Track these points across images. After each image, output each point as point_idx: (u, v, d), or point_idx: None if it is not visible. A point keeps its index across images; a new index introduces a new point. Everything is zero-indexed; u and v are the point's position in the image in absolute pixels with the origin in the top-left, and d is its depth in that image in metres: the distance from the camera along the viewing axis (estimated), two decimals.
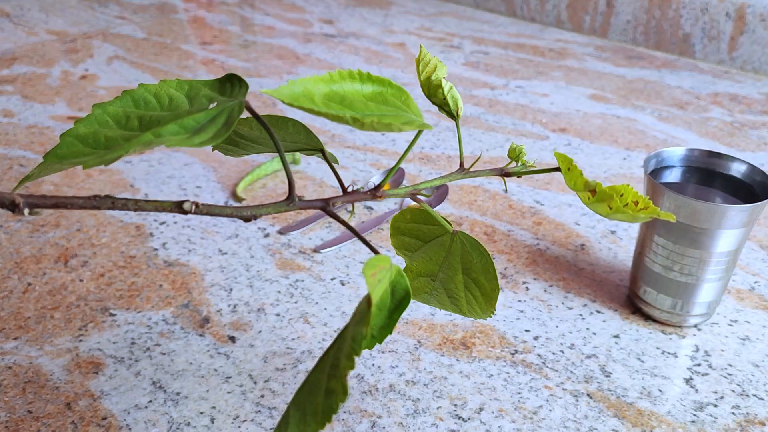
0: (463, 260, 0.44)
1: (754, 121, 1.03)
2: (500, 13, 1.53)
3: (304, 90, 0.34)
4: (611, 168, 0.89)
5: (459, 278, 0.45)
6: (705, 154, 0.62)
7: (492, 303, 0.45)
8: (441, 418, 0.51)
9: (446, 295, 0.46)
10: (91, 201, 0.33)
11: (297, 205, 0.38)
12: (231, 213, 0.36)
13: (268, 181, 0.82)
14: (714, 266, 0.57)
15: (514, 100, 1.09)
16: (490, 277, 0.44)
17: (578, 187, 0.38)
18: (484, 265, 0.44)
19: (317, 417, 0.32)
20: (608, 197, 0.37)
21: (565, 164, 0.38)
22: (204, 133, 0.33)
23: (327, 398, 0.32)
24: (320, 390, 0.32)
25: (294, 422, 0.33)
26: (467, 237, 0.44)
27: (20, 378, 0.54)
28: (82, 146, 0.35)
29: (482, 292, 0.45)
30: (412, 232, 0.46)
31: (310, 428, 0.32)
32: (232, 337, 0.59)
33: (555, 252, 0.71)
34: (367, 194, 0.40)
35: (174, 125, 0.34)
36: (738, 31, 1.21)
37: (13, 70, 1.12)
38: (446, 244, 0.45)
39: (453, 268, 0.45)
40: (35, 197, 0.32)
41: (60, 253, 0.68)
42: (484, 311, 0.45)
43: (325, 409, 0.32)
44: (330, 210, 0.39)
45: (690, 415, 0.53)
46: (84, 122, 0.36)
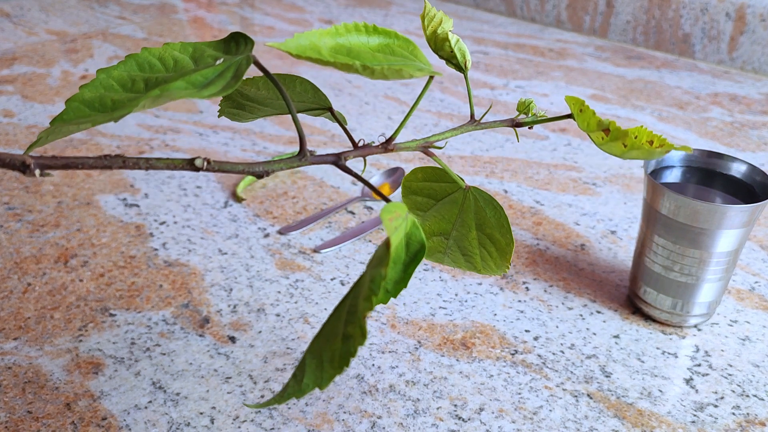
0: (476, 216, 0.44)
1: (754, 121, 1.03)
2: (500, 13, 1.53)
3: (310, 43, 0.34)
4: (611, 168, 0.89)
5: (473, 235, 0.44)
6: (705, 155, 0.62)
7: (507, 258, 0.44)
8: (441, 418, 0.51)
9: (460, 253, 0.46)
10: (102, 160, 0.33)
11: (309, 160, 0.38)
12: (242, 170, 0.36)
13: (268, 181, 0.82)
14: (714, 266, 0.57)
15: (514, 100, 1.09)
16: (504, 231, 0.43)
17: (591, 127, 0.37)
18: (498, 220, 0.43)
19: (334, 362, 0.32)
20: (623, 135, 0.37)
21: (576, 106, 0.38)
22: (213, 86, 0.33)
23: (345, 343, 0.31)
24: (337, 336, 0.32)
25: (310, 370, 0.33)
26: (480, 192, 0.44)
27: (20, 378, 0.54)
28: (88, 110, 0.35)
29: (497, 247, 0.44)
30: (424, 191, 0.45)
31: (327, 374, 0.32)
32: (232, 337, 0.59)
33: (555, 252, 0.71)
34: (378, 148, 0.39)
35: (181, 81, 0.34)
36: (738, 31, 1.21)
37: (13, 70, 1.12)
38: (459, 201, 0.44)
39: (466, 225, 0.45)
40: (46, 158, 0.32)
41: (60, 253, 0.68)
42: (499, 267, 0.45)
43: (342, 354, 0.31)
44: (342, 164, 0.38)
45: (690, 415, 0.53)
46: (89, 87, 0.36)
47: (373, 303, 0.30)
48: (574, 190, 0.83)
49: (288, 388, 0.34)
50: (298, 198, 0.79)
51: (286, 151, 0.89)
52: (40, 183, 0.81)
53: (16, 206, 0.76)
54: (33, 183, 0.81)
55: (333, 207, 0.77)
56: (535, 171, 0.87)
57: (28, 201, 0.77)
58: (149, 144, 0.90)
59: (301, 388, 0.33)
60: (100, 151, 0.88)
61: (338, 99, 1.06)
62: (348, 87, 1.10)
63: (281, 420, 0.51)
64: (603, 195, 0.82)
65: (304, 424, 0.51)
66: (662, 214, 0.57)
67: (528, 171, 0.87)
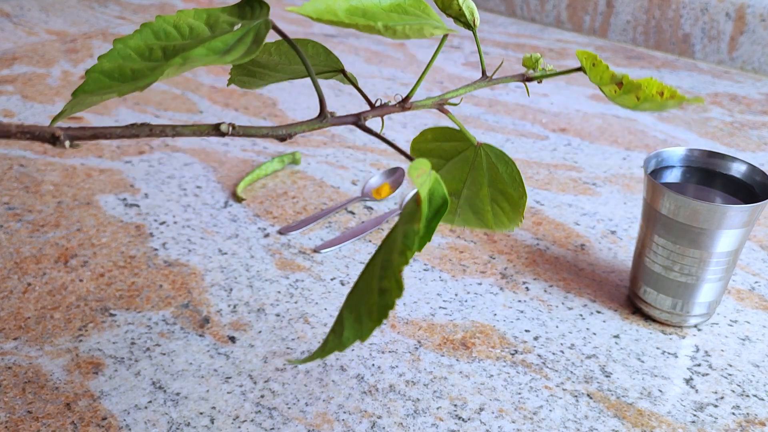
0: (488, 173, 0.44)
1: (754, 121, 1.03)
2: (500, 13, 1.53)
3: (326, 6, 0.35)
4: (611, 168, 0.89)
5: (484, 192, 0.44)
6: (705, 155, 0.62)
7: (520, 212, 0.44)
8: (441, 418, 0.51)
9: (471, 211, 0.46)
10: (130, 129, 0.33)
11: (330, 121, 0.38)
12: (266, 133, 0.36)
13: (268, 181, 0.82)
14: (714, 266, 0.57)
15: (514, 100, 1.09)
16: (516, 185, 0.43)
17: (605, 81, 0.38)
18: (510, 174, 0.43)
19: (372, 315, 0.32)
20: (636, 87, 0.37)
21: (589, 60, 0.38)
22: (234, 51, 0.33)
23: (381, 296, 0.32)
24: (372, 291, 0.33)
25: (349, 324, 0.34)
26: (491, 148, 0.43)
27: (20, 378, 0.54)
28: (108, 81, 0.35)
29: (509, 202, 0.44)
30: (434, 152, 0.45)
31: (366, 327, 0.33)
32: (232, 337, 0.59)
33: (555, 252, 0.71)
34: (395, 107, 0.39)
35: (201, 48, 0.34)
36: (738, 31, 1.21)
37: (13, 70, 1.12)
38: (470, 159, 0.44)
39: (478, 183, 0.44)
40: (75, 129, 0.32)
41: (60, 253, 0.68)
42: (511, 221, 0.45)
43: (380, 307, 0.32)
44: (362, 123, 0.39)
45: (690, 415, 0.53)
46: (107, 57, 0.36)
47: (408, 258, 0.31)
48: (574, 190, 0.83)
49: (328, 343, 0.35)
50: (298, 198, 0.79)
51: (286, 151, 0.89)
52: (40, 183, 0.81)
53: (16, 206, 0.76)
54: (33, 183, 0.81)
55: (333, 207, 0.77)
56: (535, 171, 0.87)
57: (28, 201, 0.77)
58: (149, 144, 0.90)
59: (342, 342, 0.34)
60: (100, 151, 0.88)
61: (338, 99, 1.06)
62: (348, 87, 1.10)
63: (281, 420, 0.51)
64: (603, 195, 0.82)
65: (304, 424, 0.51)
66: (662, 214, 0.57)
67: (528, 171, 0.87)
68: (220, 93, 1.07)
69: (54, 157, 0.86)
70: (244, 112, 1.00)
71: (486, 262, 0.69)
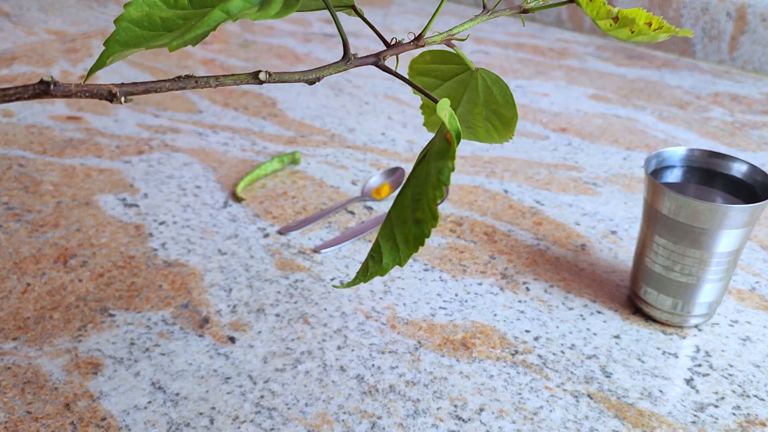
0: (483, 94, 0.46)
1: (754, 121, 1.03)
2: None
3: None
4: (612, 168, 0.88)
5: (478, 110, 0.46)
6: (706, 154, 0.61)
7: (510, 129, 0.46)
8: (441, 418, 0.51)
9: (464, 126, 0.47)
10: (177, 83, 0.35)
11: (353, 63, 0.39)
12: (298, 78, 0.38)
13: (268, 181, 0.82)
14: (715, 266, 0.57)
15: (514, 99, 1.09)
16: (509, 106, 0.45)
17: (600, 15, 0.40)
18: (504, 97, 0.45)
19: (409, 243, 0.35)
20: (630, 21, 0.39)
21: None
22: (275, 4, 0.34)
23: (417, 226, 0.35)
24: (407, 221, 0.35)
25: (386, 251, 0.36)
26: (488, 73, 0.45)
27: (19, 378, 0.54)
28: (139, 30, 0.36)
29: (501, 121, 0.46)
30: (432, 73, 0.47)
31: (404, 253, 0.35)
32: (232, 337, 0.59)
33: (555, 252, 0.71)
34: (410, 44, 0.41)
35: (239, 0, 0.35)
36: (738, 30, 1.21)
37: (12, 70, 1.12)
38: (466, 81, 0.46)
39: (472, 102, 0.46)
40: (128, 85, 0.34)
41: (59, 253, 0.68)
42: (502, 137, 0.47)
43: (417, 235, 0.35)
44: (382, 63, 0.40)
45: (691, 415, 0.52)
46: (133, 5, 0.37)
47: (443, 191, 0.33)
48: (574, 190, 0.83)
49: (369, 269, 0.37)
50: (298, 198, 0.79)
51: (286, 150, 0.89)
52: (40, 183, 0.80)
53: (15, 206, 0.76)
54: (32, 183, 0.80)
55: (333, 207, 0.76)
56: (535, 171, 0.87)
57: (27, 201, 0.77)
58: (149, 144, 0.90)
59: (382, 267, 0.36)
60: (100, 151, 0.88)
61: (338, 99, 1.06)
62: (348, 87, 1.10)
63: (281, 420, 0.51)
64: (603, 195, 0.82)
65: (304, 424, 0.51)
66: (663, 214, 0.57)
67: (528, 171, 0.87)
68: (219, 93, 1.07)
69: (53, 157, 0.86)
70: (244, 111, 1.00)
71: (486, 262, 0.69)
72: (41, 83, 0.32)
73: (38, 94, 0.32)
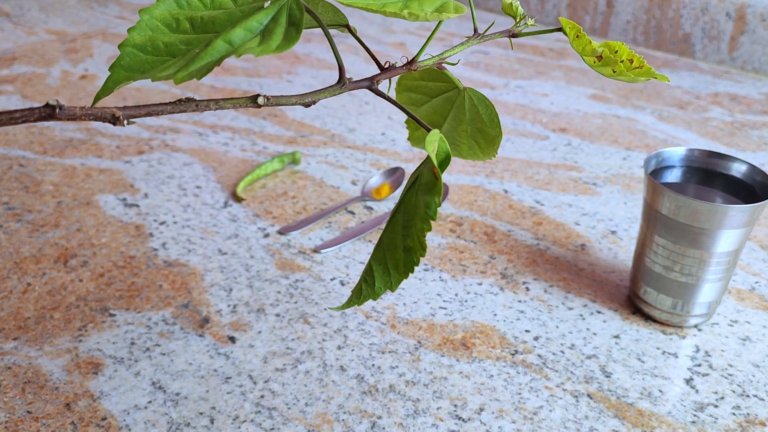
0: (469, 112, 0.47)
1: (754, 121, 1.03)
2: (500, 12, 1.52)
3: None
4: (611, 168, 0.88)
5: (463, 128, 0.47)
6: (705, 154, 0.62)
7: (494, 147, 0.47)
8: (441, 418, 0.51)
9: (448, 141, 0.48)
10: (178, 106, 0.36)
11: (348, 87, 0.41)
12: (295, 101, 0.39)
13: (268, 181, 0.82)
14: (714, 266, 0.57)
15: (514, 100, 1.09)
16: (494, 125, 0.46)
17: (586, 52, 0.41)
18: (489, 116, 0.46)
19: (399, 269, 0.37)
20: (613, 62, 0.41)
21: (573, 31, 0.41)
22: (275, 36, 0.35)
23: (407, 254, 0.37)
24: (397, 248, 0.38)
25: (378, 275, 0.38)
26: (475, 92, 0.46)
27: (20, 378, 0.54)
28: (143, 55, 0.37)
29: (485, 138, 0.47)
30: (420, 89, 0.49)
31: (395, 279, 0.38)
32: (232, 337, 0.59)
33: (555, 252, 0.71)
34: (403, 68, 0.42)
35: (240, 29, 0.36)
36: (738, 31, 1.21)
37: (13, 70, 1.12)
38: (453, 99, 0.47)
39: (458, 119, 0.47)
40: (130, 108, 0.35)
41: (60, 253, 0.68)
42: (485, 153, 0.48)
43: (406, 263, 0.37)
44: (375, 87, 0.42)
45: (690, 415, 0.52)
46: (137, 30, 0.37)
47: (430, 225, 0.35)
48: (574, 190, 0.83)
49: (363, 292, 0.39)
50: (298, 198, 0.79)
51: (286, 150, 0.89)
52: (40, 183, 0.80)
53: (15, 206, 0.76)
54: (33, 183, 0.80)
55: (333, 207, 0.77)
56: (535, 171, 0.87)
57: (27, 201, 0.77)
58: (149, 144, 0.90)
59: (375, 291, 0.38)
60: (100, 151, 0.88)
61: (338, 99, 1.06)
62: None
63: (281, 420, 0.51)
64: (603, 195, 0.82)
65: (304, 424, 0.51)
66: (662, 214, 0.57)
67: (528, 171, 0.87)
68: (219, 93, 1.07)
69: (54, 157, 0.86)
70: (244, 111, 1.00)
71: (486, 262, 0.69)
72: (47, 107, 0.33)
73: (44, 117, 0.33)
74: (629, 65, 0.41)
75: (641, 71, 0.41)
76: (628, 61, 0.41)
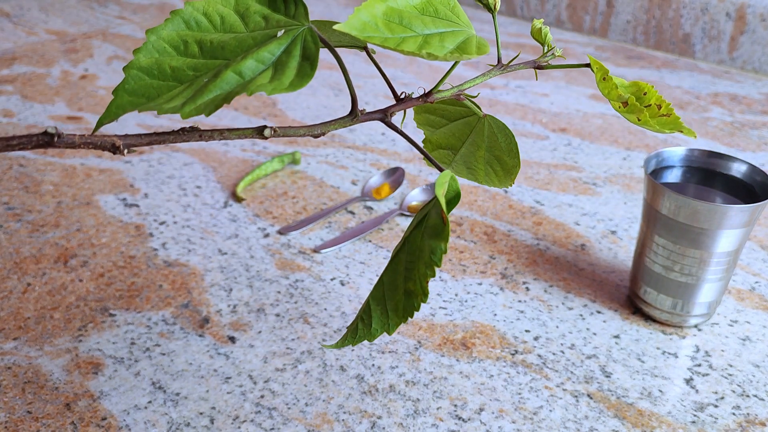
0: (488, 139, 0.46)
1: (754, 121, 1.03)
2: (500, 12, 1.52)
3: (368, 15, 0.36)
4: (611, 168, 0.88)
5: (481, 153, 0.46)
6: (705, 154, 0.62)
7: (511, 176, 0.46)
8: (441, 418, 0.51)
9: (465, 167, 0.48)
10: (181, 135, 0.35)
11: (360, 119, 0.40)
12: (304, 133, 0.39)
13: (268, 181, 0.82)
14: (714, 266, 0.57)
15: (514, 100, 1.09)
16: (512, 155, 0.46)
17: (612, 96, 0.40)
18: (509, 145, 0.45)
19: (398, 312, 0.36)
20: (638, 110, 0.40)
21: (600, 73, 0.40)
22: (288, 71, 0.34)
23: (407, 298, 0.36)
24: (398, 290, 0.36)
25: (376, 316, 0.37)
26: (495, 120, 0.46)
27: (20, 378, 0.54)
28: (148, 78, 0.35)
29: (503, 168, 0.46)
30: (439, 111, 0.48)
31: (393, 322, 0.36)
32: (232, 337, 0.59)
33: (555, 252, 0.71)
34: (418, 99, 0.42)
35: (251, 60, 0.35)
36: (738, 31, 1.21)
37: (12, 70, 1.12)
38: (472, 124, 0.46)
39: (476, 145, 0.47)
40: (131, 137, 0.34)
41: (60, 253, 0.68)
42: (502, 183, 0.47)
43: (406, 307, 0.36)
44: (388, 120, 0.41)
45: (690, 415, 0.52)
46: (143, 51, 0.36)
47: (435, 272, 0.34)
48: (574, 190, 0.83)
49: (359, 332, 0.38)
50: (298, 198, 0.79)
51: (286, 151, 0.89)
52: (40, 183, 0.80)
53: (16, 206, 0.76)
54: (33, 183, 0.80)
55: (333, 207, 0.77)
56: (535, 171, 0.87)
57: (28, 201, 0.77)
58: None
59: (371, 333, 0.37)
60: (100, 151, 0.88)
61: (338, 99, 1.06)
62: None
63: (281, 420, 0.51)
64: (603, 195, 0.82)
65: (304, 424, 0.51)
66: (662, 214, 0.57)
67: (528, 171, 0.87)
68: None
69: (54, 157, 0.86)
70: (244, 111, 1.00)
71: (486, 262, 0.69)
72: (45, 134, 0.32)
73: (41, 145, 0.32)
74: (656, 111, 0.40)
75: (668, 120, 0.40)
76: (656, 106, 0.40)
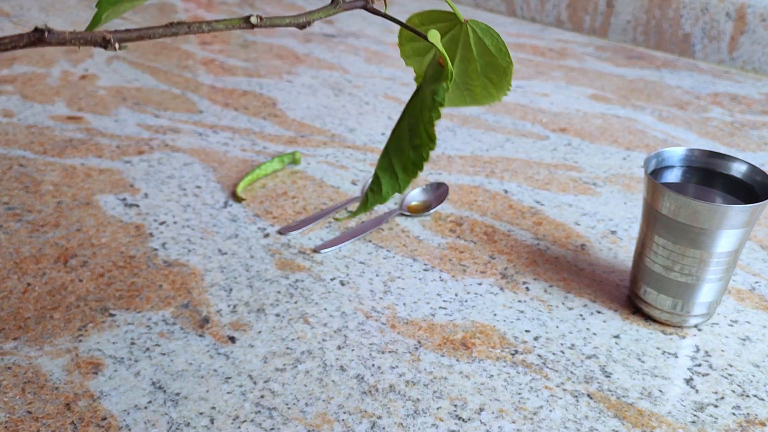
0: (476, 47, 0.46)
1: (754, 121, 1.03)
2: (500, 13, 1.52)
3: None
4: (611, 168, 0.89)
5: (473, 66, 0.46)
6: (705, 154, 0.62)
7: (507, 79, 0.46)
8: (441, 418, 0.51)
9: (461, 89, 0.48)
10: (170, 29, 0.35)
11: (342, 6, 0.40)
12: (288, 22, 0.39)
13: (268, 181, 0.82)
14: (714, 266, 0.57)
15: (514, 100, 1.09)
16: (502, 54, 0.46)
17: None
18: (497, 46, 0.45)
19: (408, 170, 0.36)
20: None
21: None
22: None
23: (415, 152, 0.36)
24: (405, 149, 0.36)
25: (385, 181, 0.37)
26: (477, 24, 0.46)
27: (20, 378, 0.54)
28: None
29: (497, 72, 0.46)
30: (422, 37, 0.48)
31: (403, 181, 0.37)
32: (232, 337, 0.59)
33: (555, 252, 0.71)
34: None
35: None
36: (738, 31, 1.21)
37: (13, 70, 1.12)
38: (458, 38, 0.46)
39: (467, 59, 0.46)
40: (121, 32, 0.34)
41: (60, 253, 0.68)
42: (499, 90, 0.47)
43: (415, 161, 0.36)
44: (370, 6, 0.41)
45: (690, 415, 0.53)
46: None
47: (439, 112, 0.34)
48: (574, 190, 0.83)
49: (368, 199, 0.38)
50: (298, 198, 0.79)
51: (286, 150, 0.89)
52: (40, 183, 0.80)
53: (15, 206, 0.76)
54: (33, 183, 0.80)
55: (333, 207, 0.77)
56: (535, 171, 0.87)
57: (27, 201, 0.77)
58: (149, 144, 0.90)
59: (382, 196, 0.37)
60: (100, 151, 0.88)
61: (338, 99, 1.06)
62: (348, 87, 1.10)
63: (281, 420, 0.51)
64: (603, 195, 0.82)
65: (304, 424, 0.51)
66: (662, 214, 0.57)
67: (528, 171, 0.87)
68: (219, 93, 1.07)
69: (54, 157, 0.86)
70: (244, 111, 1.00)
71: (486, 262, 0.69)
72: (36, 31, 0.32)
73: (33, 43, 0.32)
74: None
75: None
76: None
